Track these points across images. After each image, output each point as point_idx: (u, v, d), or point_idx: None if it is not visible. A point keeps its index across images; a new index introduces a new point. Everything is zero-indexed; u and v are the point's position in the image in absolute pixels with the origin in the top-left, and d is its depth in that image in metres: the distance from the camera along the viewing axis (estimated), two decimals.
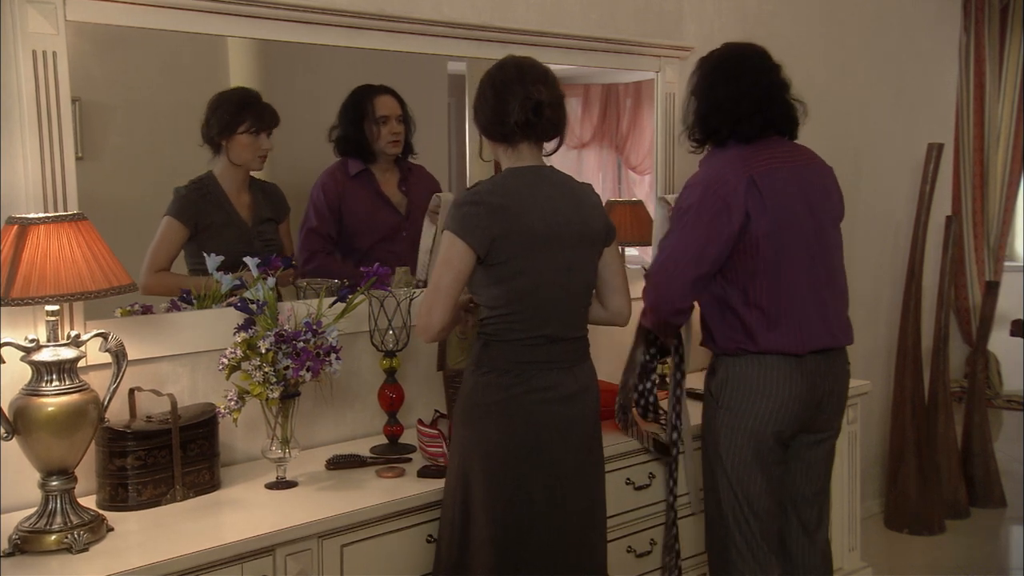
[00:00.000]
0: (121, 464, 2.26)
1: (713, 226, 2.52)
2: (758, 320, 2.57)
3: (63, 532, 2.05)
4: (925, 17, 4.67)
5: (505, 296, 2.31)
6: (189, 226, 2.69)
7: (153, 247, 2.64)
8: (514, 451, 2.31)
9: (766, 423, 2.59)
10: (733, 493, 2.63)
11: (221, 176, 2.76)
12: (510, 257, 2.28)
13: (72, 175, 2.27)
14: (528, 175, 2.37)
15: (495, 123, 2.35)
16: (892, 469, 4.49)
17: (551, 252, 2.33)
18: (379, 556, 2.33)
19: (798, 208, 2.60)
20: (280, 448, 2.41)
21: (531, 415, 2.32)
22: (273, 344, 2.30)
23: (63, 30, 2.25)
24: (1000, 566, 4.24)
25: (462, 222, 2.27)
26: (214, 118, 2.72)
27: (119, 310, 2.46)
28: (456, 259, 2.27)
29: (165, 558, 1.98)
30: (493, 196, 2.30)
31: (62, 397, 2.07)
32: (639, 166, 4.09)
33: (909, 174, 4.59)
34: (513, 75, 2.33)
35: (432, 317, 2.27)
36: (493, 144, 2.41)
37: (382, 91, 3.03)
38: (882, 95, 4.45)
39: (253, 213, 2.81)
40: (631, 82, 3.89)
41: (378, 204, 3.09)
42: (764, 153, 2.60)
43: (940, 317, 4.62)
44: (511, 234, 2.28)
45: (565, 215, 2.36)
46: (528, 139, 2.36)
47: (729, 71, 2.64)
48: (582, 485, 2.41)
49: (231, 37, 2.63)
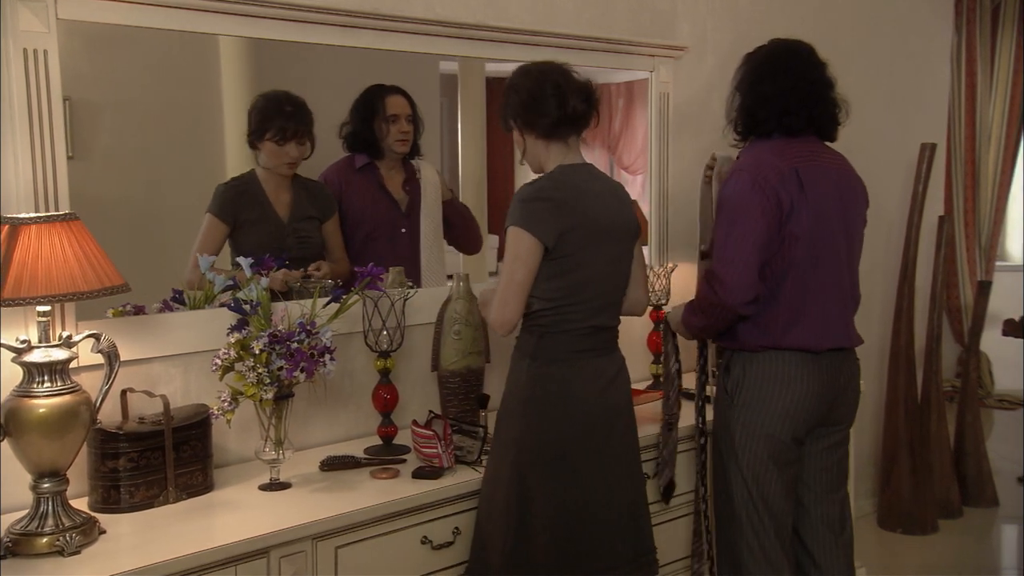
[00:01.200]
0: (113, 466, 2.24)
1: (768, 213, 2.55)
2: (784, 317, 2.60)
3: (55, 535, 2.03)
4: (918, 17, 4.67)
5: (564, 288, 2.40)
6: (228, 222, 2.72)
7: (197, 244, 2.67)
8: (572, 440, 2.41)
9: (783, 421, 2.60)
10: (748, 492, 2.64)
11: (262, 173, 2.80)
12: (574, 250, 2.38)
13: (64, 174, 2.26)
14: (581, 171, 2.48)
15: (546, 117, 2.43)
16: (885, 469, 4.50)
17: (605, 245, 2.46)
18: (374, 558, 2.31)
19: (834, 207, 2.64)
20: (274, 449, 2.40)
21: (586, 403, 2.43)
22: (267, 345, 2.29)
23: (54, 28, 2.23)
24: (993, 566, 4.25)
25: (530, 218, 2.36)
26: (249, 120, 2.77)
27: (111, 310, 2.44)
28: (526, 253, 2.35)
29: (158, 561, 1.97)
30: (556, 192, 2.40)
31: (54, 398, 2.05)
32: (631, 166, 4.09)
33: (902, 174, 4.60)
34: (557, 72, 2.45)
35: (507, 311, 2.36)
36: (545, 141, 2.47)
37: (394, 91, 3.05)
38: (875, 95, 4.45)
39: (292, 211, 2.84)
40: (623, 82, 3.89)
41: (378, 197, 3.10)
42: (806, 148, 2.65)
43: (933, 317, 4.63)
44: (575, 228, 2.38)
45: (614, 209, 2.50)
46: (577, 131, 2.48)
47: (778, 66, 2.67)
48: (629, 469, 2.53)
49: (223, 36, 2.62)
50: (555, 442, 2.40)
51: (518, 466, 2.39)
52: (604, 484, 2.45)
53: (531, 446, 2.40)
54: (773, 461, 2.62)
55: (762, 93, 2.66)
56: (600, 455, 2.45)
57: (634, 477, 2.56)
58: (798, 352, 2.60)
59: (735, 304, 2.58)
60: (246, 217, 2.76)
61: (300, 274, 2.77)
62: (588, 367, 2.45)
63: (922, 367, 4.60)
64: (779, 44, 2.74)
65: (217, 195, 2.73)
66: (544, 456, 2.40)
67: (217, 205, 2.73)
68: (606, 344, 2.51)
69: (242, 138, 2.78)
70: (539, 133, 2.47)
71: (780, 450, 2.62)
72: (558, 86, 2.43)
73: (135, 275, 2.20)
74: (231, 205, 2.74)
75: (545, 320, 2.42)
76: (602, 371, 2.48)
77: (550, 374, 2.42)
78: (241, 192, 2.77)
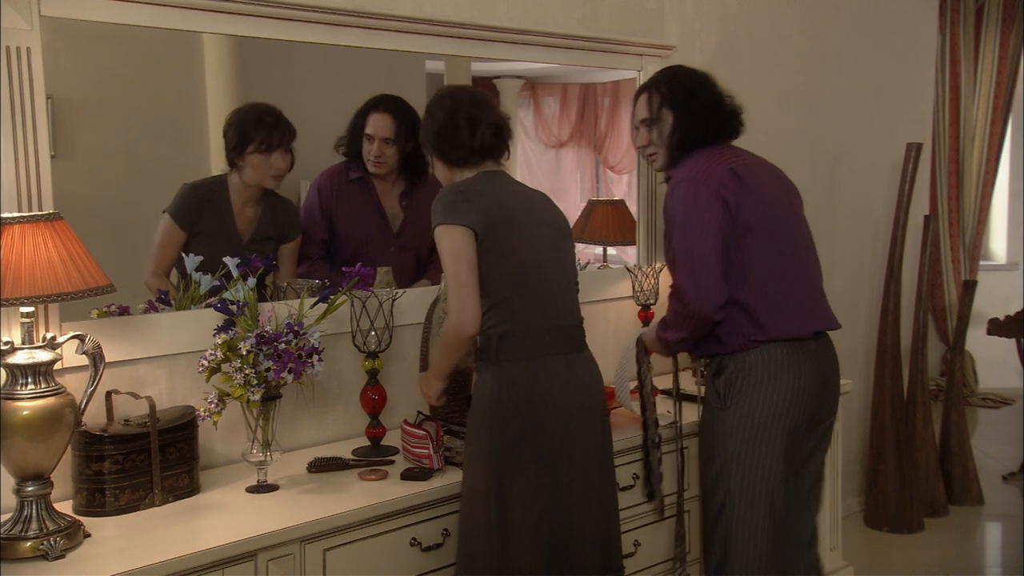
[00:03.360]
0: (98, 468, 2.21)
1: (717, 212, 2.57)
2: (762, 307, 2.61)
3: (39, 539, 2.00)
4: (903, 17, 4.69)
5: (508, 277, 2.38)
6: (185, 229, 2.64)
7: (154, 248, 2.62)
8: (546, 443, 2.37)
9: (779, 416, 2.60)
10: (742, 493, 2.62)
11: (234, 182, 2.73)
12: (507, 233, 2.38)
13: (47, 173, 2.23)
14: (499, 175, 2.52)
15: (458, 148, 2.47)
16: (872, 467, 4.51)
17: (539, 229, 2.46)
18: (362, 560, 2.29)
19: (777, 196, 2.72)
20: (261, 451, 2.38)
21: (557, 404, 2.39)
22: (254, 346, 2.27)
23: (37, 25, 2.20)
24: (978, 564, 4.26)
25: (454, 209, 2.37)
26: (226, 137, 2.69)
27: (95, 311, 2.41)
28: (461, 247, 2.35)
29: (144, 564, 1.94)
30: (475, 186, 2.43)
31: (38, 401, 2.02)
32: (617, 165, 4.09)
33: (887, 174, 4.61)
34: (468, 102, 2.48)
35: (466, 312, 2.36)
36: (450, 168, 2.51)
37: (381, 108, 2.98)
38: (861, 94, 4.47)
39: (254, 228, 2.77)
40: (609, 81, 3.89)
41: (368, 212, 3.04)
42: (728, 151, 2.76)
43: (919, 316, 4.64)
44: (501, 214, 2.39)
45: (539, 205, 2.54)
46: (492, 159, 2.51)
47: (697, 84, 2.81)
48: (603, 474, 2.50)
49: (207, 33, 2.59)
50: (531, 449, 2.35)
51: (496, 480, 2.34)
52: (583, 491, 2.41)
53: (507, 456, 2.35)
54: (771, 459, 2.61)
55: (692, 110, 2.75)
56: (578, 460, 2.41)
57: (607, 484, 2.51)
58: (787, 342, 2.61)
59: (706, 311, 2.58)
60: (203, 228, 2.67)
61: None
62: (557, 365, 2.41)
63: (908, 366, 4.61)
64: (682, 68, 2.89)
65: (179, 196, 2.64)
66: (521, 466, 2.34)
67: (176, 208, 2.63)
68: (572, 341, 2.47)
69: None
70: (449, 161, 2.49)
71: (777, 447, 2.61)
72: (470, 118, 2.45)
73: (120, 275, 2.17)
74: (192, 212, 2.65)
75: (499, 319, 2.38)
76: (572, 370, 2.44)
77: (516, 375, 2.37)
78: (206, 199, 2.69)
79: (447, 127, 2.46)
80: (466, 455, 2.43)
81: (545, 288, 2.42)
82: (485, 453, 2.36)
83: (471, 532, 2.36)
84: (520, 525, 2.34)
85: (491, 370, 2.39)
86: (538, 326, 2.40)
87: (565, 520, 2.38)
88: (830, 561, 3.54)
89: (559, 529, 2.37)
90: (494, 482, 2.34)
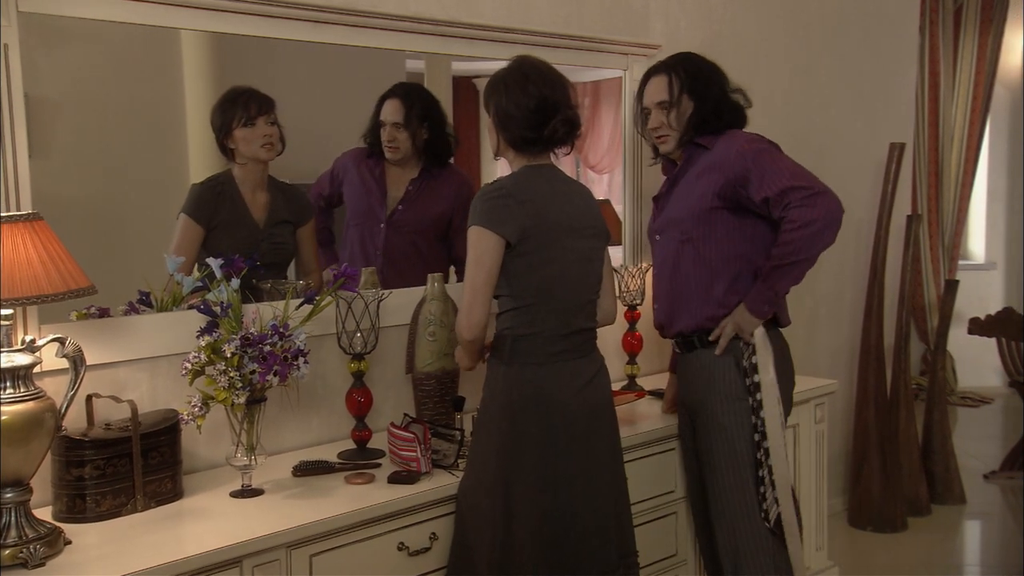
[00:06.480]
0: (79, 474, 2.17)
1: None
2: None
3: (18, 546, 1.95)
4: (885, 17, 4.70)
5: (534, 287, 2.38)
6: (203, 224, 2.65)
7: (174, 247, 2.60)
8: (554, 443, 2.38)
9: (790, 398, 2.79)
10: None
11: (237, 174, 2.73)
12: (540, 246, 2.37)
13: (25, 173, 2.19)
14: (545, 171, 2.46)
15: (524, 132, 2.40)
16: (855, 467, 4.52)
17: (573, 241, 2.44)
18: (349, 565, 2.26)
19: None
20: (245, 455, 2.34)
21: (565, 405, 2.40)
22: (239, 348, 2.23)
23: (15, 21, 2.16)
24: (961, 563, 4.28)
25: (491, 214, 2.34)
26: (213, 125, 2.69)
27: (74, 313, 2.36)
28: (486, 255, 2.33)
29: (126, 572, 1.90)
30: (518, 188, 2.39)
31: (16, 405, 1.97)
32: (597, 165, 4.07)
33: (870, 174, 4.62)
34: (550, 87, 2.40)
35: (473, 316, 2.35)
36: (505, 145, 2.47)
37: (392, 94, 3.03)
38: (843, 94, 4.47)
39: (268, 214, 2.77)
40: (589, 81, 3.87)
41: (370, 187, 3.07)
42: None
43: (901, 315, 4.65)
44: (540, 223, 2.36)
45: (581, 207, 2.49)
46: (552, 150, 2.48)
47: (713, 71, 2.89)
48: (612, 471, 2.51)
49: (186, 30, 2.55)
50: (537, 447, 2.37)
51: (503, 475, 2.36)
52: (588, 487, 2.43)
53: (514, 453, 2.37)
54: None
55: (713, 96, 2.82)
56: (583, 458, 2.43)
57: (617, 478, 2.54)
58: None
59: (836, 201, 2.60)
60: (221, 219, 2.68)
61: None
62: (565, 369, 2.43)
63: (891, 366, 4.62)
64: (694, 54, 2.92)
65: (192, 195, 2.66)
66: (527, 463, 2.37)
67: (192, 206, 2.65)
68: (583, 346, 2.49)
69: (205, 135, 2.71)
70: (508, 140, 2.45)
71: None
72: (546, 103, 2.38)
73: (99, 276, 2.12)
74: (207, 206, 2.67)
75: (518, 322, 2.40)
76: (580, 372, 2.46)
77: (526, 377, 2.40)
78: (217, 192, 2.70)
79: (518, 109, 2.38)
80: (474, 450, 2.45)
81: (567, 300, 2.43)
82: (494, 450, 2.38)
83: (477, 524, 2.36)
84: (525, 521, 2.35)
85: (503, 370, 2.41)
86: (553, 333, 2.41)
87: (569, 518, 2.39)
88: (816, 561, 3.54)
89: (563, 527, 2.38)
90: (501, 478, 2.36)
